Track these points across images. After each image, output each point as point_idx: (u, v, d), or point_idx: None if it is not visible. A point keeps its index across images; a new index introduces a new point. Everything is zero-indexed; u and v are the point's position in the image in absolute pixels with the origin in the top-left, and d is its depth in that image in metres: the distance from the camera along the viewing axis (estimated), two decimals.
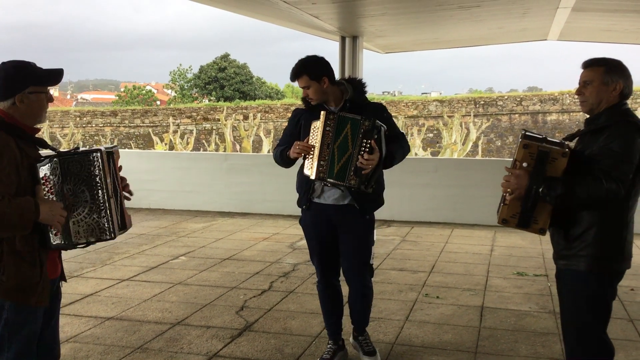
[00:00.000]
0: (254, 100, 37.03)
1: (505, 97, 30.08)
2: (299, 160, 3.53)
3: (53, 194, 2.42)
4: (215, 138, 25.62)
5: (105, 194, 2.48)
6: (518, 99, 29.59)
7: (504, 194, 2.73)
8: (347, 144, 3.30)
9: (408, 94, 50.23)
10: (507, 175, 2.69)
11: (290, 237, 7.74)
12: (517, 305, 5.00)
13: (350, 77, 3.86)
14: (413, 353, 4.01)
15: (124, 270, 6.05)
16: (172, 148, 22.60)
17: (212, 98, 42.31)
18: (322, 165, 3.33)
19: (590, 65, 2.75)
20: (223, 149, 23.05)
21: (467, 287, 5.54)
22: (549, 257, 3.38)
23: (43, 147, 2.55)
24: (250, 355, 3.95)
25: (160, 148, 21.77)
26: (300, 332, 4.38)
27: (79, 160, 2.46)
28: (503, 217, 2.73)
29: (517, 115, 29.05)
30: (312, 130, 3.42)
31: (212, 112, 31.38)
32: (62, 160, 2.44)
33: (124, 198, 2.70)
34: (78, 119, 31.85)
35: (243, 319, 4.63)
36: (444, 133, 23.34)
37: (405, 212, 8.90)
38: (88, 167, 2.47)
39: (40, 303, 2.44)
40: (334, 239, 3.63)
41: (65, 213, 2.42)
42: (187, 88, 44.92)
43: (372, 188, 3.37)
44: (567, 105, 28.42)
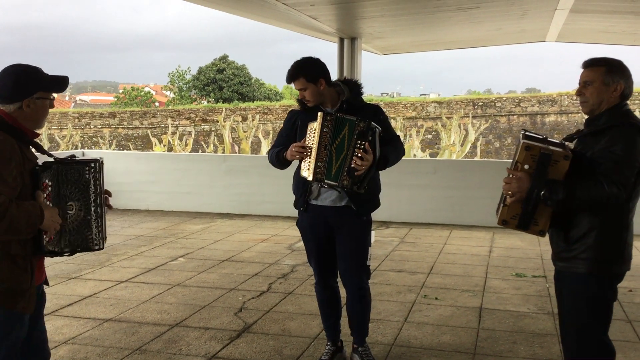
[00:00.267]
0: (253, 102, 36.96)
1: (504, 98, 30.08)
2: (295, 162, 3.51)
3: (50, 201, 2.42)
4: (214, 139, 25.62)
5: (97, 204, 2.51)
6: (516, 101, 29.58)
7: (505, 195, 2.70)
8: (343, 145, 3.29)
9: (406, 96, 50.21)
10: (508, 177, 2.65)
11: (289, 238, 7.73)
12: (515, 307, 5.00)
13: (347, 78, 3.84)
14: (412, 354, 4.01)
15: (123, 272, 6.04)
16: (170, 149, 22.59)
17: (210, 99, 42.24)
18: (319, 167, 3.32)
19: (591, 65, 2.70)
20: (222, 151, 23.06)
21: (465, 288, 5.54)
22: (548, 258, 3.38)
23: (39, 151, 2.55)
24: (249, 357, 3.95)
25: (159, 149, 21.73)
26: (299, 333, 4.38)
27: (78, 169, 2.47)
28: (503, 218, 2.72)
29: (515, 117, 29.04)
30: (308, 132, 3.40)
31: (210, 113, 31.34)
32: (61, 168, 2.44)
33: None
34: (76, 121, 31.79)
35: (242, 321, 4.63)
36: (443, 134, 23.32)
37: (404, 213, 8.91)
38: (85, 176, 2.48)
39: (26, 310, 2.42)
40: (331, 241, 3.61)
41: (61, 220, 2.42)
42: (185, 89, 44.83)
43: (364, 189, 3.35)
44: (565, 107, 28.41)
